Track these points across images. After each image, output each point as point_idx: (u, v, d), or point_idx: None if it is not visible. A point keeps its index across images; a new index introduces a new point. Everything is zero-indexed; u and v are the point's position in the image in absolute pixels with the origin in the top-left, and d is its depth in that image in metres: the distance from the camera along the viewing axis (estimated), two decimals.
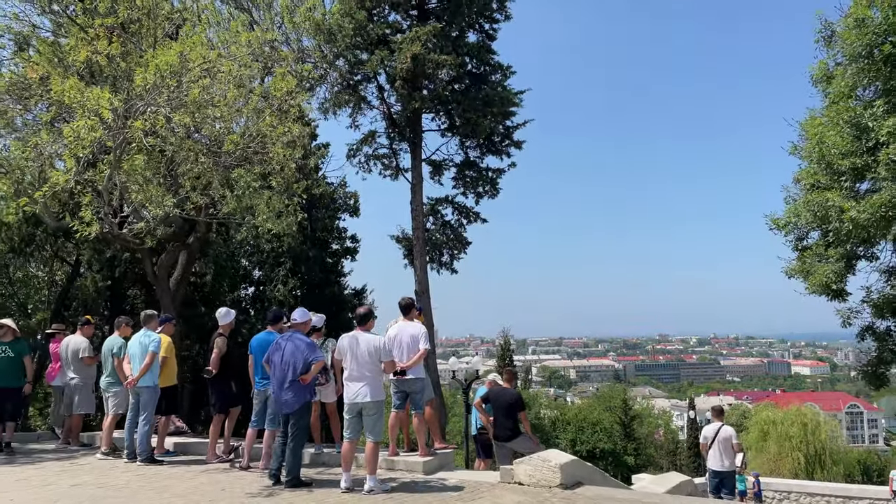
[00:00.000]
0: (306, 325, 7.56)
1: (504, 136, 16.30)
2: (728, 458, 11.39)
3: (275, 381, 6.95)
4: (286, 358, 6.88)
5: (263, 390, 7.93)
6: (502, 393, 9.68)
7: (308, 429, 7.28)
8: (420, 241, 15.93)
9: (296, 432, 6.87)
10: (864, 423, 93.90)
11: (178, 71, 9.17)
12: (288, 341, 7.04)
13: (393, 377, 7.99)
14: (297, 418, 6.87)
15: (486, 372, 35.61)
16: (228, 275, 22.64)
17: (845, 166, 10.42)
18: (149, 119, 8.73)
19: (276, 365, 6.94)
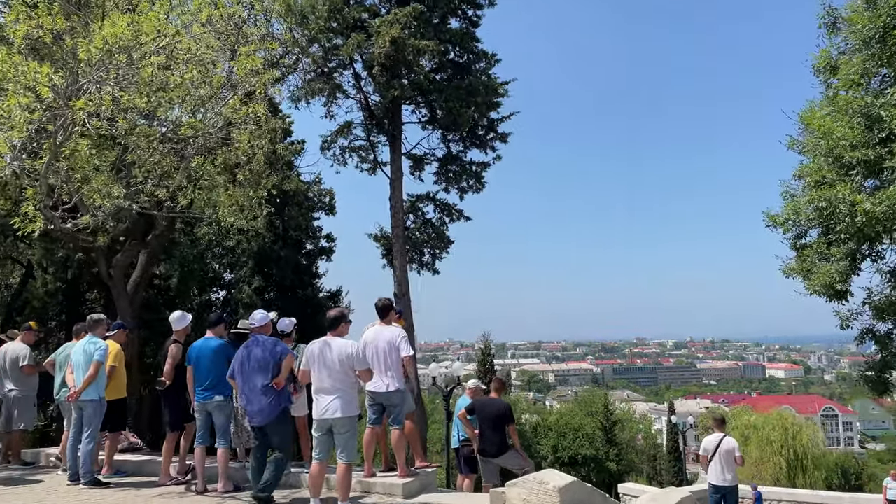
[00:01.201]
0: (267, 328, 6.71)
1: (488, 128, 15.40)
2: (730, 472, 10.57)
3: (243, 393, 6.30)
4: (253, 364, 6.24)
5: (204, 403, 7.05)
6: (489, 404, 8.77)
7: (291, 438, 6.65)
8: (399, 240, 14.96)
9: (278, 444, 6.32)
10: (840, 425, 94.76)
11: (129, 46, 8.14)
12: (251, 347, 6.36)
13: (368, 389, 7.05)
14: (274, 429, 6.26)
15: (467, 376, 34.70)
16: (196, 277, 21.59)
17: (857, 158, 9.73)
18: (94, 99, 7.70)
19: (242, 374, 6.29)
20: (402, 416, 7.26)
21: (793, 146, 13.01)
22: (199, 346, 7.22)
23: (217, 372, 7.01)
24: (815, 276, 11.74)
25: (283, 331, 8.09)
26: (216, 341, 7.19)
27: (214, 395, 7.01)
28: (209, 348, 7.09)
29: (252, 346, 6.34)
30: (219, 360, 7.05)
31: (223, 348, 7.16)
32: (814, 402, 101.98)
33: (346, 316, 6.71)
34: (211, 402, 7.02)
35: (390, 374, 7.30)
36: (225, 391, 7.05)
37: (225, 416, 7.12)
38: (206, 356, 7.08)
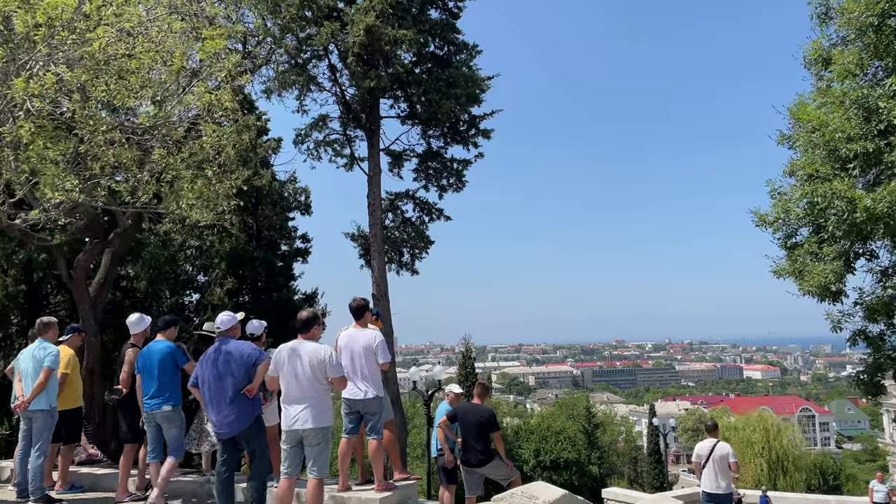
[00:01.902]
0: (234, 331, 6.22)
1: (470, 123, 14.85)
2: (725, 479, 10.11)
3: (211, 403, 5.80)
4: (221, 370, 5.75)
5: (152, 413, 6.48)
6: (472, 410, 8.23)
7: (266, 448, 6.07)
8: (378, 240, 14.35)
9: (255, 455, 5.87)
10: (816, 426, 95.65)
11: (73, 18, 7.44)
12: (218, 352, 5.89)
13: (345, 396, 6.56)
14: (248, 440, 5.81)
15: (448, 380, 34.10)
16: (167, 279, 20.78)
17: (855, 151, 9.35)
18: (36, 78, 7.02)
19: (209, 382, 5.78)
20: (380, 424, 6.80)
21: (783, 141, 12.66)
22: (147, 352, 6.64)
23: (165, 379, 6.45)
24: (808, 276, 11.35)
25: (253, 333, 7.58)
26: (164, 345, 6.59)
27: (162, 404, 6.41)
28: (156, 353, 6.52)
29: (219, 350, 5.86)
30: (167, 366, 6.48)
31: (172, 353, 6.57)
32: (791, 402, 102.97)
33: (318, 317, 6.16)
34: (158, 412, 6.45)
35: (367, 381, 6.77)
36: (174, 400, 6.49)
37: (176, 429, 6.51)
38: (154, 362, 6.49)
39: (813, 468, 47.30)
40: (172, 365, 6.48)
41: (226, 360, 5.76)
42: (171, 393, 6.45)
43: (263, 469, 5.97)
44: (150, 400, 6.46)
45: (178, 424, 6.52)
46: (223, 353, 5.82)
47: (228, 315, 6.36)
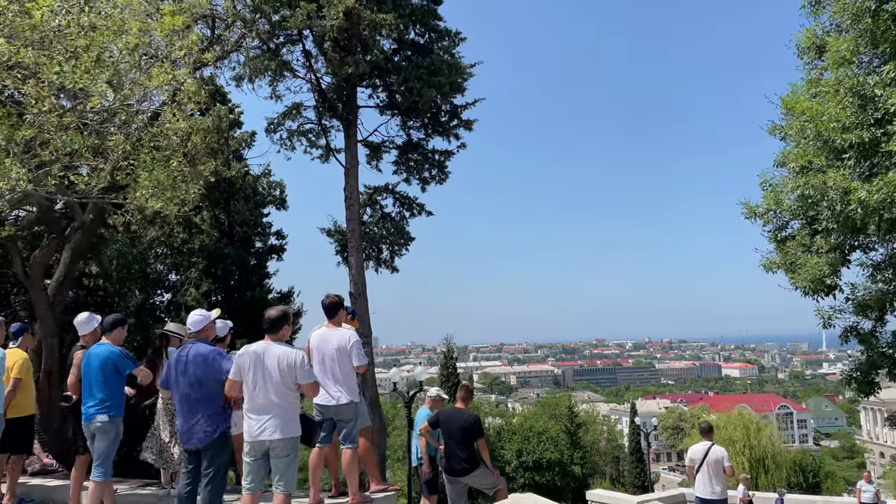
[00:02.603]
0: (207, 332, 5.70)
1: (452, 114, 14.26)
2: (719, 484, 9.63)
3: (181, 411, 5.40)
4: (192, 377, 5.31)
5: (87, 424, 5.88)
6: (455, 415, 7.64)
7: (227, 468, 5.61)
8: (355, 235, 13.70)
9: (212, 474, 5.32)
10: (794, 423, 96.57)
11: None
12: (188, 356, 5.41)
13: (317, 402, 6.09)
14: (211, 455, 5.33)
15: (429, 380, 33.39)
16: (136, 278, 19.98)
17: (851, 141, 8.95)
18: None
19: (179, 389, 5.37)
20: (355, 432, 6.31)
21: (774, 131, 12.29)
22: (87, 356, 5.99)
23: (105, 387, 5.80)
24: (801, 270, 10.98)
25: (217, 335, 6.87)
26: (106, 350, 5.93)
27: (97, 413, 5.75)
28: (96, 358, 5.86)
29: (189, 354, 5.37)
30: (107, 372, 5.83)
31: (115, 358, 5.90)
32: (769, 400, 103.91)
33: (289, 316, 5.54)
34: (92, 422, 5.80)
35: (341, 385, 6.17)
36: (112, 410, 5.85)
37: (108, 441, 5.85)
38: (93, 368, 5.83)
39: (792, 466, 47.41)
40: (114, 372, 5.83)
41: (196, 365, 5.30)
42: (111, 402, 5.81)
43: (219, 490, 5.41)
44: (86, 409, 5.83)
45: (111, 437, 5.85)
46: (193, 357, 5.34)
47: (200, 314, 5.75)
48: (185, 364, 5.33)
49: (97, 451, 5.85)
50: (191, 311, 5.96)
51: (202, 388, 5.27)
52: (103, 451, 5.83)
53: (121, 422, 6.03)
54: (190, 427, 5.28)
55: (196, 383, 5.27)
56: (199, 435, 5.25)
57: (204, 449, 5.28)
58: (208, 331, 5.72)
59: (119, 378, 5.93)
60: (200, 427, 5.25)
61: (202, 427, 5.25)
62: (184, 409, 5.33)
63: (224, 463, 5.47)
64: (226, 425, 5.46)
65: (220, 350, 5.70)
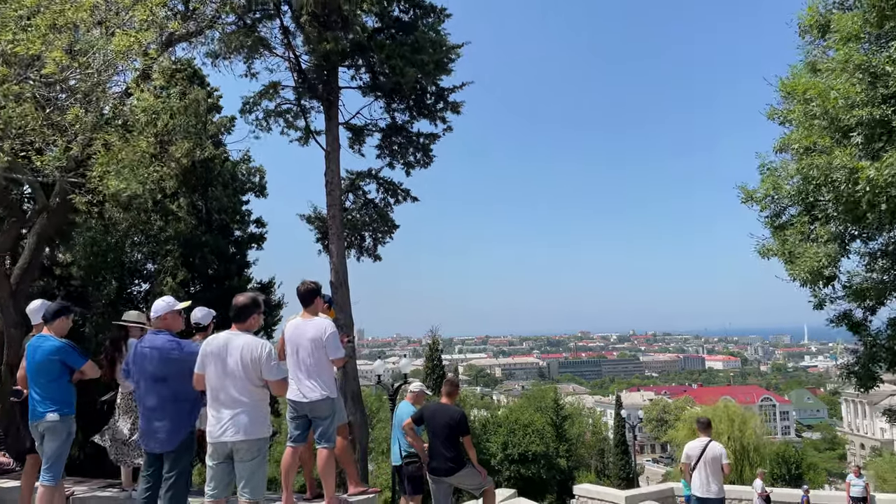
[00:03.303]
0: (172, 322, 5.13)
1: (437, 96, 13.64)
2: (716, 483, 9.20)
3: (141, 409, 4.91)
4: (155, 371, 4.80)
5: (35, 424, 5.38)
6: (440, 411, 7.12)
7: (190, 471, 5.12)
8: (337, 222, 13.06)
9: (173, 479, 4.78)
10: (777, 415, 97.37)
11: None
12: (145, 349, 4.89)
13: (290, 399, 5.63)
14: (174, 458, 4.81)
15: (414, 373, 32.88)
16: (111, 266, 19.26)
17: (859, 118, 8.51)
18: None
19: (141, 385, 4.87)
20: (331, 430, 5.81)
21: (773, 116, 11.84)
22: (30, 350, 5.42)
23: (51, 383, 5.26)
24: (799, 259, 10.55)
25: (199, 323, 6.41)
26: (50, 343, 5.34)
27: (47, 413, 5.18)
28: (40, 351, 5.27)
29: (146, 347, 4.87)
30: (51, 366, 5.28)
31: (60, 352, 5.32)
32: (752, 392, 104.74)
33: (258, 304, 4.96)
34: (41, 421, 5.22)
35: (316, 379, 5.60)
36: (63, 408, 5.28)
37: (59, 442, 5.29)
38: (37, 361, 5.25)
39: (775, 457, 47.57)
40: (59, 366, 5.25)
41: (153, 360, 4.78)
42: (60, 399, 5.24)
43: (181, 494, 4.87)
44: (33, 406, 5.28)
45: (62, 438, 5.29)
46: (150, 351, 4.82)
47: (164, 302, 5.16)
48: (143, 358, 4.83)
49: (47, 454, 5.35)
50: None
51: (163, 385, 4.76)
52: (53, 452, 5.33)
53: (73, 420, 5.53)
54: (151, 428, 4.78)
55: (154, 379, 4.76)
56: (161, 436, 4.74)
57: (167, 453, 4.78)
58: (170, 320, 5.13)
59: (65, 373, 5.37)
60: (162, 428, 4.74)
61: (164, 427, 4.73)
62: (144, 408, 4.85)
63: (187, 465, 4.94)
64: (190, 426, 4.93)
65: (180, 341, 5.13)
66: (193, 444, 5.02)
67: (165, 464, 4.82)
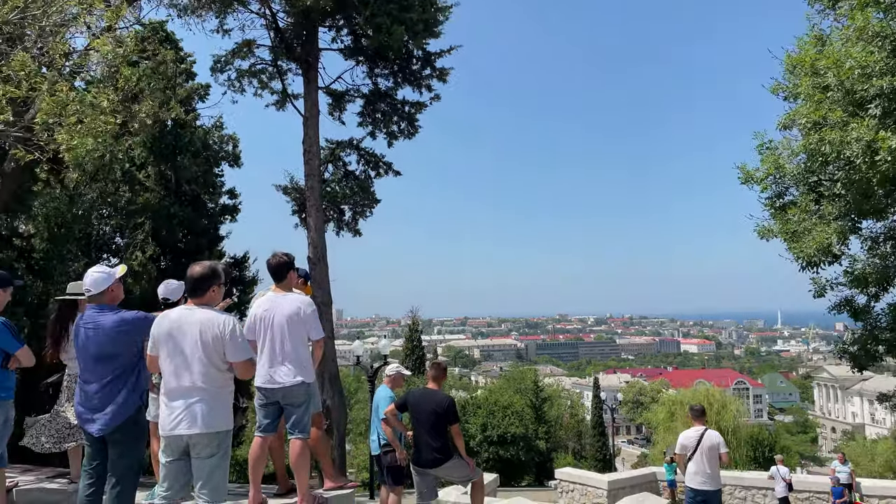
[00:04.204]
0: (111, 295, 4.43)
1: (424, 61, 12.82)
2: (715, 473, 8.65)
3: (80, 389, 4.25)
4: (95, 348, 4.15)
5: None
6: (426, 397, 6.48)
7: (141, 464, 4.38)
8: (315, 194, 12.26)
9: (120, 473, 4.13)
10: (751, 398, 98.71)
11: None
12: (87, 325, 4.24)
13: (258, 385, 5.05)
14: (121, 448, 4.15)
15: (394, 353, 32.20)
16: (77, 239, 18.31)
17: (879, 88, 7.94)
18: None
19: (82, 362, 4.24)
20: (306, 419, 5.21)
21: (777, 90, 11.26)
22: None
23: None
24: (805, 238, 10.04)
25: (168, 298, 5.67)
26: None
27: None
28: None
29: (90, 326, 4.22)
30: None
31: None
32: (727, 375, 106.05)
33: (218, 274, 4.23)
34: None
35: (290, 362, 4.93)
36: None
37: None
38: None
39: (750, 440, 48.06)
40: None
41: (106, 337, 4.16)
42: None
43: (129, 490, 4.19)
44: None
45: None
46: (92, 327, 4.20)
47: (104, 272, 4.44)
48: (86, 338, 4.19)
49: None
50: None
51: (108, 363, 4.14)
52: None
53: (11, 405, 4.97)
54: (91, 406, 4.15)
55: (97, 359, 4.14)
56: (107, 418, 4.10)
57: (111, 437, 4.12)
58: (116, 291, 4.44)
59: (1, 356, 4.68)
60: (108, 409, 4.11)
61: (111, 409, 4.11)
62: (83, 390, 4.21)
63: (137, 457, 4.26)
64: (139, 401, 4.26)
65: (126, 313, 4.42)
66: (144, 431, 4.38)
67: (111, 453, 4.16)
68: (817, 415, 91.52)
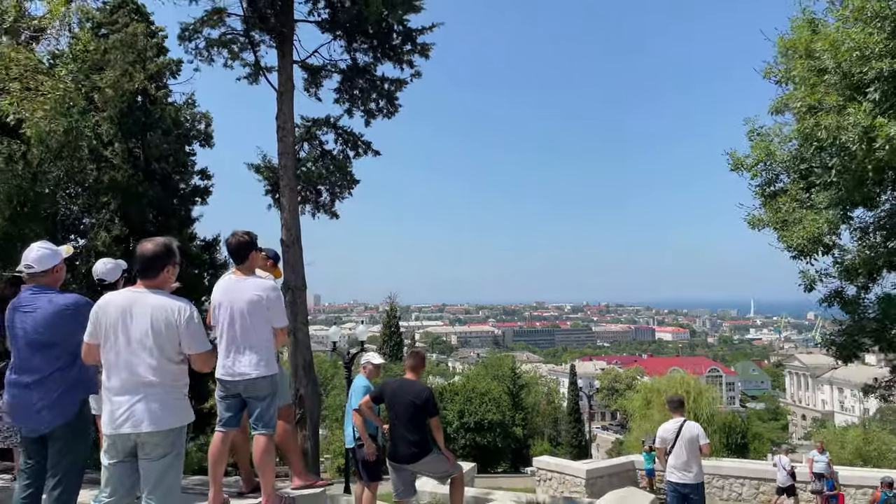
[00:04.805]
0: (55, 276, 4.03)
1: (405, 37, 12.29)
2: (696, 466, 8.32)
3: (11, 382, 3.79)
4: (32, 334, 3.73)
5: None
6: (404, 388, 6.09)
7: (84, 461, 3.95)
8: (289, 173, 11.71)
9: (62, 472, 3.72)
10: (723, 386, 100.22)
11: None
12: (30, 308, 3.80)
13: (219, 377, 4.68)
14: (62, 445, 3.76)
15: (371, 339, 31.70)
16: (40, 219, 17.60)
17: (879, 71, 7.65)
18: None
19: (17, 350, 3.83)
20: (271, 413, 4.81)
21: (769, 74, 10.97)
22: None
23: None
24: (795, 227, 9.80)
25: (103, 279, 5.13)
26: None
27: None
28: None
29: (27, 309, 3.80)
30: None
31: None
32: (700, 363, 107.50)
33: (172, 253, 3.74)
34: None
35: (253, 352, 4.63)
36: None
37: None
38: None
39: (723, 427, 48.73)
40: None
41: (39, 319, 3.75)
42: None
43: (71, 490, 3.77)
44: None
45: None
46: (34, 308, 3.78)
47: (48, 249, 4.03)
48: (22, 322, 3.78)
49: None
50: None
51: (49, 352, 3.73)
52: None
53: None
54: (28, 401, 3.72)
55: (36, 346, 3.73)
56: (46, 414, 3.70)
57: (51, 437, 3.74)
58: (60, 272, 4.06)
59: None
60: (47, 403, 3.71)
61: (50, 403, 3.72)
62: (22, 379, 3.76)
63: (81, 454, 3.87)
64: (83, 395, 3.84)
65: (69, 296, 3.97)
66: (89, 425, 3.95)
67: (51, 451, 3.75)
68: (788, 402, 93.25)
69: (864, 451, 43.72)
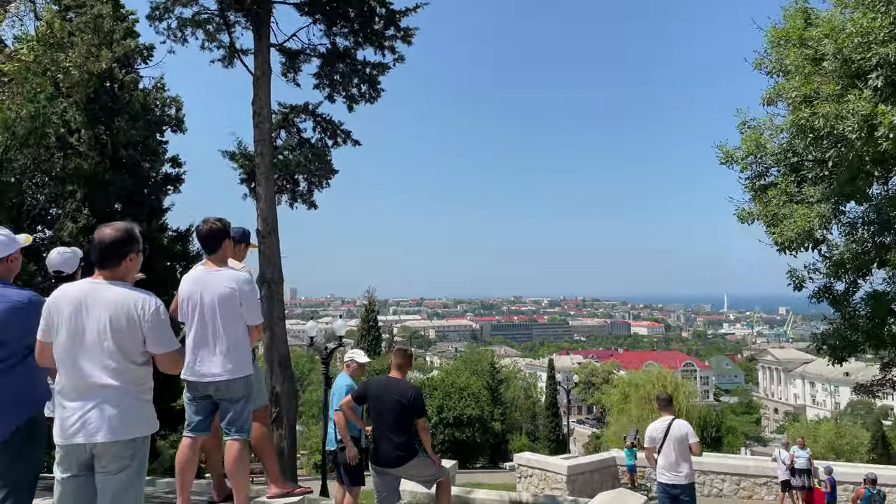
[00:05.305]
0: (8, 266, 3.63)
1: (388, 20, 11.83)
2: (686, 466, 8.05)
3: None
4: None
5: None
6: (388, 388, 5.69)
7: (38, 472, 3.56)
8: (265, 161, 11.21)
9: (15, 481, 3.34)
10: (698, 380, 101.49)
11: None
12: None
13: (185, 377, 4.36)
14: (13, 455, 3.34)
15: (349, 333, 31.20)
16: (6, 208, 16.97)
17: (882, 57, 7.40)
18: None
19: None
20: (245, 416, 4.44)
21: (761, 65, 10.72)
22: None
23: None
24: (786, 221, 9.59)
25: (61, 270, 4.68)
26: None
27: None
28: None
29: None
30: None
31: None
32: (675, 357, 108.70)
33: (135, 238, 3.29)
34: None
35: (226, 351, 4.27)
36: None
37: None
38: None
39: (698, 420, 49.19)
40: None
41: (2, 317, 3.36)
42: None
43: None
44: None
45: None
46: None
47: (4, 234, 3.63)
48: None
49: None
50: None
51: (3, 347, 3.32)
52: None
53: None
54: None
55: None
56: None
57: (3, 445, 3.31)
58: (16, 262, 3.66)
59: None
60: None
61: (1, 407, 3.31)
62: None
63: (34, 464, 3.46)
64: (33, 408, 3.44)
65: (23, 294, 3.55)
66: (44, 431, 3.51)
67: (2, 459, 3.32)
68: (761, 396, 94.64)
69: (837, 445, 44.41)
